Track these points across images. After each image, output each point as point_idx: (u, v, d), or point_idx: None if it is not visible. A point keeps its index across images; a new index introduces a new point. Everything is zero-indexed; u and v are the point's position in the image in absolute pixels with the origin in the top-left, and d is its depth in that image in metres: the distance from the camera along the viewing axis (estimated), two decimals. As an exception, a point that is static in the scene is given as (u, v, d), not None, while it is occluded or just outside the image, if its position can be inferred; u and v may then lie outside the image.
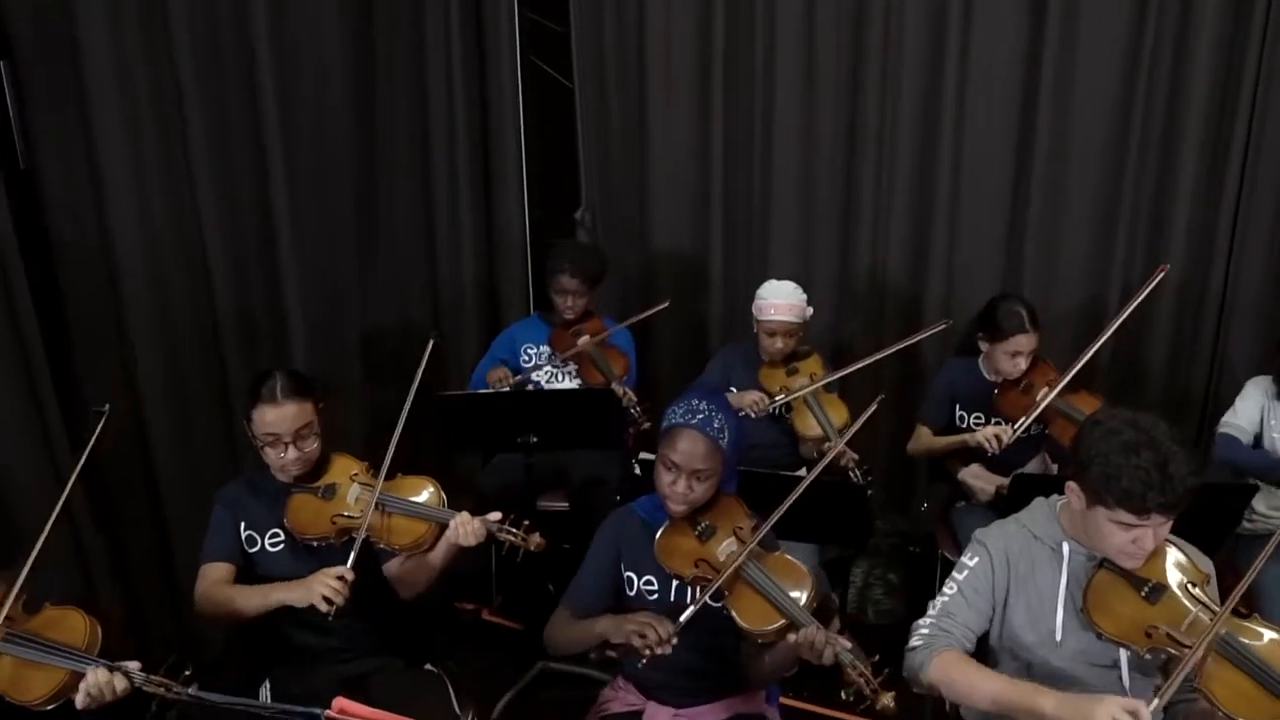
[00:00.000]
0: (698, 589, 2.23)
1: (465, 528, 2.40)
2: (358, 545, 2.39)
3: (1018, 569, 2.13)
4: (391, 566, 2.56)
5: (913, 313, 4.15)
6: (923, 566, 3.80)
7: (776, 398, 3.42)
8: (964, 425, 3.42)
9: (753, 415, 3.38)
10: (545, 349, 3.84)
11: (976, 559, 2.16)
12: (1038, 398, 3.20)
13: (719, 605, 2.20)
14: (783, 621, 2.10)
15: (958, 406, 3.42)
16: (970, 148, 3.92)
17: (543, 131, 4.68)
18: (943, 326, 3.52)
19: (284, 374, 2.50)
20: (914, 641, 2.10)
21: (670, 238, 4.45)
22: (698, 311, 4.49)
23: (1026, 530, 2.16)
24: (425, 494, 2.51)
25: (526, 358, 3.87)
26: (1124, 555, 2.00)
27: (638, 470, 3.11)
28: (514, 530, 2.42)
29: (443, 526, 2.44)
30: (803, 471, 3.43)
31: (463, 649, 3.64)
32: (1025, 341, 3.21)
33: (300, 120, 3.81)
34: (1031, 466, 3.40)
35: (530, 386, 3.82)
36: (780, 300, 3.46)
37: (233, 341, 3.65)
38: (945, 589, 2.17)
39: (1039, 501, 2.21)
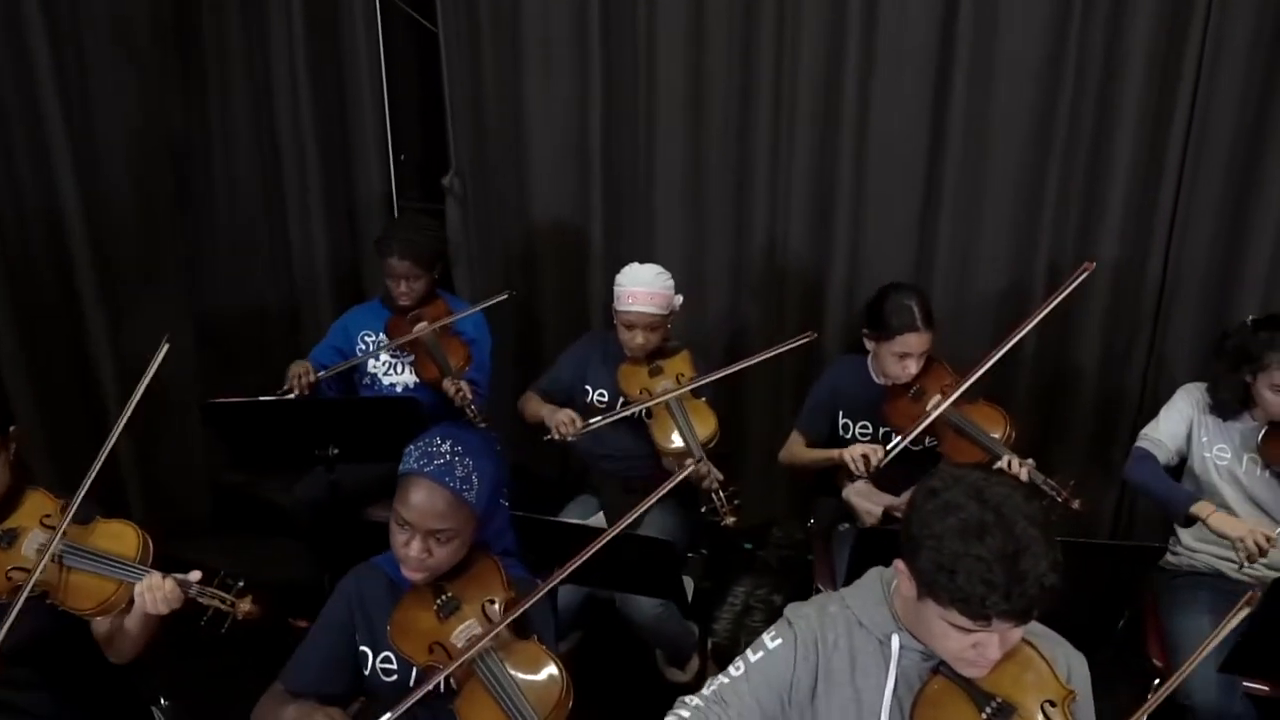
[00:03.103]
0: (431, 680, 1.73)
1: (154, 593, 1.89)
2: (15, 609, 1.88)
3: (831, 665, 1.64)
4: (98, 626, 2.06)
5: (815, 298, 3.65)
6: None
7: (591, 420, 2.92)
8: (849, 436, 2.92)
9: (556, 438, 2.90)
10: (384, 337, 3.32)
11: (778, 642, 1.68)
12: (929, 407, 2.71)
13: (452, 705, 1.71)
14: (511, 738, 1.61)
15: (841, 414, 2.92)
16: (878, 113, 3.39)
17: (409, 84, 4.12)
18: (806, 340, 2.92)
19: None
20: None
21: (550, 207, 3.93)
22: (582, 290, 3.97)
23: (850, 614, 1.67)
24: (120, 545, 2.00)
25: (363, 346, 3.35)
26: (962, 663, 1.52)
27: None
28: (220, 593, 1.91)
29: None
30: (600, 518, 2.96)
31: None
32: (915, 341, 2.71)
33: (95, 67, 3.26)
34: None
35: (366, 380, 3.32)
36: (639, 288, 2.91)
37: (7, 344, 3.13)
38: (734, 666, 1.70)
39: (872, 575, 1.72)
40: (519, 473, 4.15)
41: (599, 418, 2.91)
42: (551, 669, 1.69)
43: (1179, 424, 2.70)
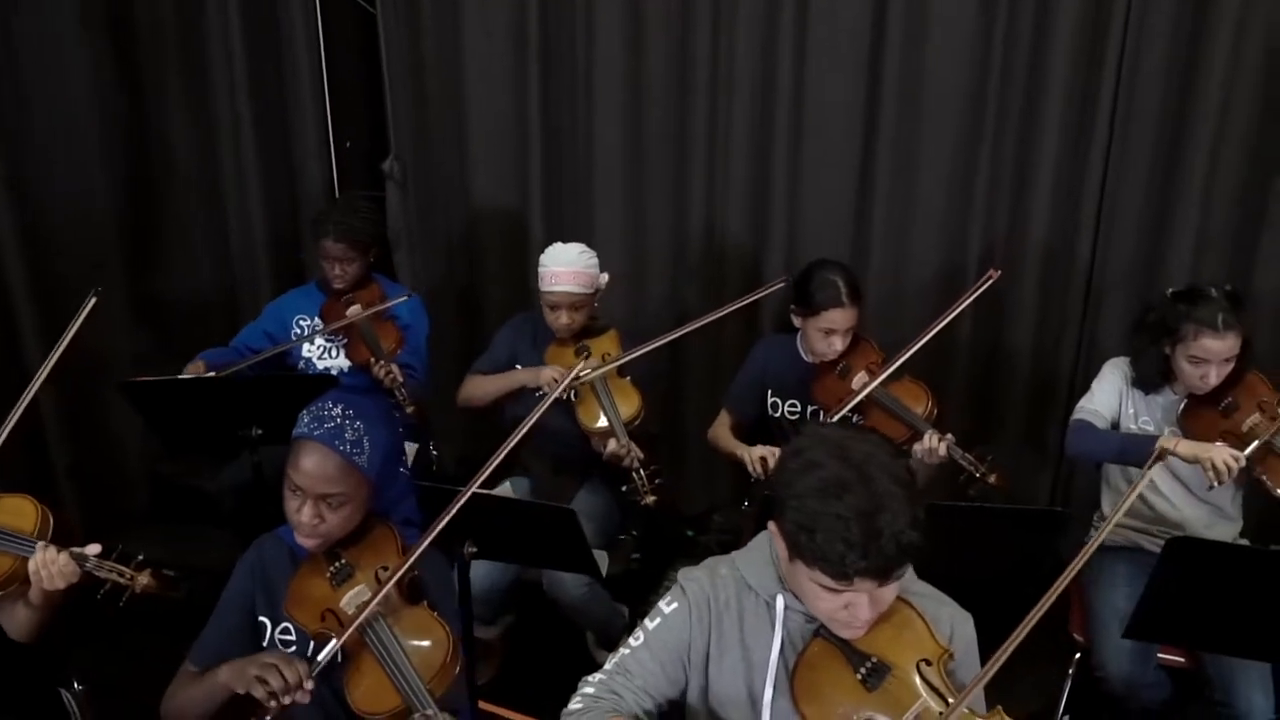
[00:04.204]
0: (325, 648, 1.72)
1: (48, 567, 1.86)
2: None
3: (723, 626, 1.64)
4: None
5: (754, 280, 3.63)
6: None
7: (583, 374, 2.87)
8: (778, 414, 2.93)
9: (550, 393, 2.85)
10: (318, 321, 3.30)
11: (674, 606, 1.67)
12: (854, 385, 2.72)
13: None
14: (398, 705, 1.60)
15: (770, 392, 2.93)
16: (812, 97, 3.40)
17: (353, 71, 4.09)
18: (780, 285, 3.00)
19: None
20: (573, 703, 1.63)
21: (491, 192, 3.93)
22: (522, 275, 3.95)
23: (740, 576, 1.66)
24: (18, 520, 1.97)
25: (298, 330, 3.33)
26: (836, 624, 1.52)
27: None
28: (117, 567, 1.88)
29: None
30: (506, 489, 2.97)
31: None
32: (840, 318, 2.71)
33: (24, 50, 3.23)
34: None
35: (300, 364, 3.30)
36: (561, 268, 2.90)
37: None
38: (633, 636, 1.69)
39: (762, 537, 1.71)
40: (465, 464, 4.14)
41: (588, 370, 2.84)
42: (438, 633, 1.67)
43: (1111, 395, 2.69)
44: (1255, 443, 2.42)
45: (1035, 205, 3.27)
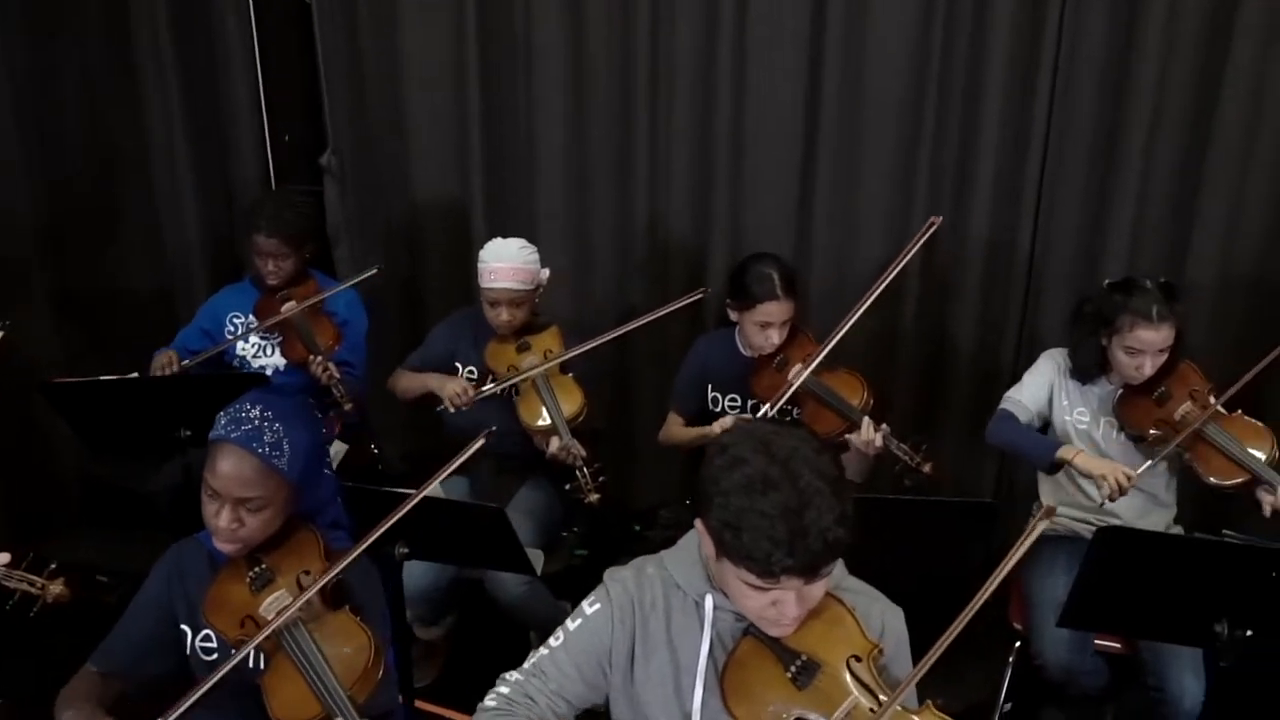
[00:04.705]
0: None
1: None
2: None
3: (649, 627, 1.61)
4: None
5: (698, 272, 3.62)
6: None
7: (485, 387, 2.84)
8: (718, 409, 2.92)
9: (452, 410, 2.82)
10: (253, 319, 3.24)
11: (596, 608, 1.65)
12: (790, 376, 2.71)
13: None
14: (318, 713, 1.56)
15: (710, 387, 2.92)
16: (753, 93, 3.38)
17: (290, 64, 4.00)
18: (699, 296, 2.97)
19: None
20: (489, 700, 1.60)
21: (431, 187, 3.87)
22: (464, 270, 3.89)
23: (668, 575, 1.64)
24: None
25: (232, 328, 3.27)
26: (765, 621, 1.50)
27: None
28: (29, 576, 1.83)
29: None
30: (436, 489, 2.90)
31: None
32: (776, 310, 2.70)
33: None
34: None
35: (235, 363, 3.24)
36: (501, 264, 2.86)
37: None
38: (554, 636, 1.65)
39: (691, 535, 1.69)
40: (410, 460, 4.08)
41: (491, 385, 2.82)
42: (359, 639, 1.63)
43: (1041, 388, 2.71)
44: (1148, 463, 2.48)
45: (976, 200, 3.28)
